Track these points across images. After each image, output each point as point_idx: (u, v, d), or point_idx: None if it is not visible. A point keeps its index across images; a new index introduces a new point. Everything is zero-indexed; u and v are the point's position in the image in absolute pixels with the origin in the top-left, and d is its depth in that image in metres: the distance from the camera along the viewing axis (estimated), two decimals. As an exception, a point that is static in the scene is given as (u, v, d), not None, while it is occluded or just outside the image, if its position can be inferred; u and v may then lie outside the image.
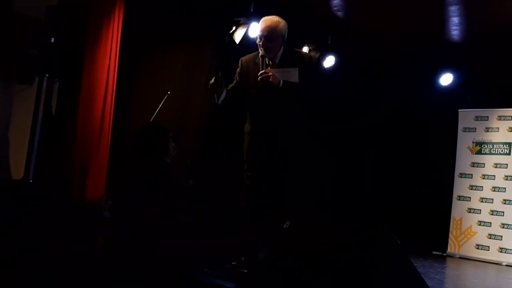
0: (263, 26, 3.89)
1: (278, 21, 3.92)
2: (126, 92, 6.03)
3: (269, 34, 3.84)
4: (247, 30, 6.28)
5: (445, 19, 6.03)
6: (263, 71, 3.79)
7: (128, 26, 5.67)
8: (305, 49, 6.84)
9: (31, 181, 4.93)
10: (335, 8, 6.18)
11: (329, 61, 7.20)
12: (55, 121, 5.28)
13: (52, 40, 4.96)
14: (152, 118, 5.76)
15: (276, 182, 3.94)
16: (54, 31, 5.05)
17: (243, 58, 4.10)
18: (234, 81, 4.10)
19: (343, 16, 6.37)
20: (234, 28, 6.38)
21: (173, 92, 5.99)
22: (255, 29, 6.24)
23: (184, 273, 3.29)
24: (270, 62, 3.90)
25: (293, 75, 3.80)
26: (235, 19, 6.39)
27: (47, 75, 5.06)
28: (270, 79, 3.75)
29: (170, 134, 4.83)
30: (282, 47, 3.95)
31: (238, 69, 4.10)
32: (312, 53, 6.95)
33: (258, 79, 3.78)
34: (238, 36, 6.35)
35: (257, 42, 3.92)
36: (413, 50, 7.05)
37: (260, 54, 3.87)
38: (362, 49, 7.34)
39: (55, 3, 5.39)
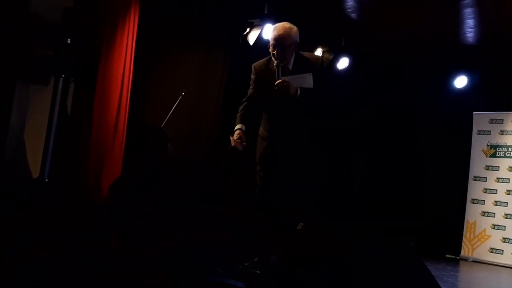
0: (275, 35, 3.85)
1: (290, 27, 3.89)
2: (141, 92, 6.07)
3: (282, 43, 3.81)
4: (261, 32, 6.31)
5: (460, 21, 6.00)
6: (279, 80, 3.76)
7: (143, 27, 5.71)
8: (319, 51, 6.84)
9: (46, 180, 4.97)
10: (349, 10, 6.18)
11: (342, 63, 7.19)
12: (70, 121, 5.32)
13: (68, 41, 5.00)
14: (166, 118, 5.81)
15: (289, 183, 3.97)
16: (70, 32, 5.10)
17: (255, 64, 4.08)
18: (251, 88, 4.10)
19: (356, 17, 6.37)
20: (248, 29, 6.41)
21: (186, 92, 6.02)
22: (268, 31, 6.27)
23: (195, 273, 3.31)
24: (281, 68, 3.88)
25: (307, 80, 3.81)
26: (249, 20, 6.41)
27: (63, 76, 5.10)
28: (288, 90, 3.74)
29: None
30: (294, 53, 3.93)
31: (252, 76, 4.09)
32: (326, 55, 6.95)
33: (275, 88, 3.76)
34: (252, 38, 6.38)
35: (269, 50, 3.90)
36: (427, 52, 7.03)
37: (275, 64, 3.84)
38: (376, 51, 7.33)
39: (71, 4, 5.45)
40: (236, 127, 4.00)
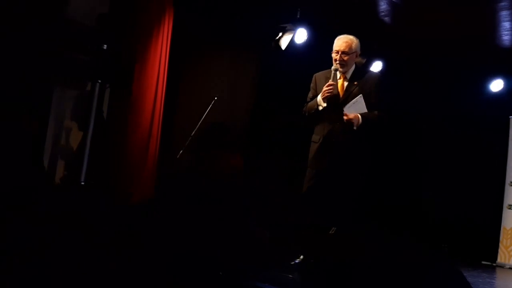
0: (340, 41, 4.18)
1: (353, 39, 4.23)
2: (173, 97, 6.14)
3: (346, 49, 4.14)
4: (293, 37, 6.29)
5: (496, 24, 5.90)
6: (331, 82, 4.09)
7: (176, 32, 5.78)
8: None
9: (82, 183, 5.07)
10: (382, 14, 6.13)
11: (376, 67, 7.14)
12: (106, 125, 5.42)
13: (104, 46, 5.11)
14: (199, 122, 5.85)
15: (341, 190, 4.11)
16: (106, 38, 5.20)
17: (316, 74, 4.39)
18: (311, 95, 4.36)
19: (390, 21, 6.32)
20: (280, 34, 6.40)
21: (219, 97, 6.06)
22: (301, 35, 6.27)
23: (226, 275, 3.32)
24: (340, 76, 4.20)
25: (360, 103, 4.05)
26: (282, 25, 6.42)
27: (99, 81, 5.20)
28: (352, 124, 4.04)
29: None
30: (354, 65, 4.26)
31: (312, 84, 4.38)
32: (359, 59, 6.91)
33: (324, 90, 4.09)
34: (284, 42, 6.37)
35: (333, 57, 4.19)
36: (462, 56, 6.92)
37: (333, 68, 4.14)
38: (409, 54, 7.25)
39: (107, 11, 5.56)
40: (315, 100, 4.25)
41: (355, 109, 4.04)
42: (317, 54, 4.81)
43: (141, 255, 3.30)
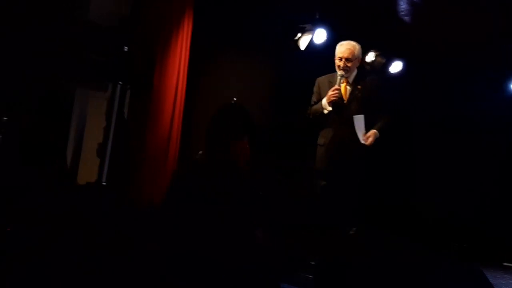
0: (343, 48, 4.42)
1: (356, 44, 4.44)
2: (192, 98, 6.17)
3: (349, 56, 4.35)
4: (312, 37, 6.27)
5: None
6: (336, 86, 4.30)
7: (195, 33, 5.81)
8: (371, 55, 6.77)
9: (104, 183, 5.12)
10: (402, 13, 6.09)
11: (395, 67, 7.09)
12: (127, 126, 5.47)
13: (125, 48, 5.16)
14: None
15: (348, 191, 4.22)
16: (127, 40, 5.25)
17: (319, 78, 4.60)
18: (315, 99, 4.56)
19: (410, 20, 6.28)
20: (299, 34, 6.39)
21: (238, 98, 6.07)
22: (320, 36, 6.25)
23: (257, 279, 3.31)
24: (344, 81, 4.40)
25: (360, 120, 4.25)
26: (301, 25, 6.41)
27: (120, 82, 5.25)
28: (371, 141, 4.26)
29: None
30: (356, 69, 4.46)
31: (315, 89, 4.59)
32: (378, 59, 6.87)
33: (329, 94, 4.29)
34: (303, 43, 6.35)
35: (336, 63, 4.39)
36: (485, 55, 6.84)
37: (339, 74, 4.33)
38: (430, 54, 7.19)
39: (127, 13, 5.61)
40: (319, 104, 4.46)
41: (357, 122, 4.24)
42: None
43: (157, 257, 3.29)
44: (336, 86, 4.27)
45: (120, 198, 4.97)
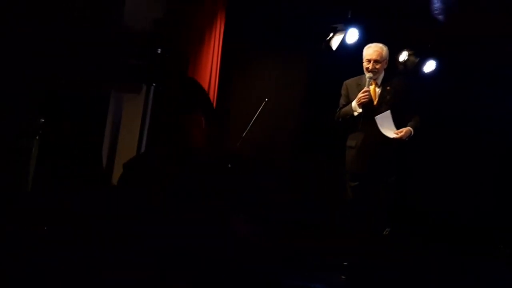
0: (371, 50, 4.43)
1: (383, 46, 4.47)
2: (226, 98, 6.21)
3: (377, 58, 4.39)
4: (344, 37, 6.23)
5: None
6: (366, 88, 4.33)
7: (228, 35, 5.86)
8: (405, 54, 6.70)
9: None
10: (436, 12, 6.02)
11: (429, 66, 7.00)
12: (161, 128, 5.53)
13: (159, 51, 5.23)
14: (250, 124, 5.89)
15: (380, 192, 4.32)
16: (161, 42, 5.33)
17: (346, 81, 4.63)
18: (344, 101, 4.59)
19: (444, 19, 6.19)
20: (331, 34, 6.36)
21: (269, 99, 6.08)
22: (352, 36, 6.20)
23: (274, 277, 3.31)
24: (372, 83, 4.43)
25: (387, 117, 4.28)
26: (332, 25, 6.38)
27: (154, 84, 5.33)
28: (403, 135, 4.29)
29: None
30: (384, 71, 4.48)
31: (343, 92, 4.62)
32: (412, 58, 6.81)
33: (359, 97, 4.32)
34: (335, 43, 6.32)
35: (364, 65, 4.43)
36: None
37: (367, 76, 4.36)
38: (464, 53, 7.08)
39: (161, 15, 5.69)
40: (349, 106, 4.48)
41: (383, 120, 4.27)
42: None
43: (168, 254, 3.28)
44: (366, 88, 4.31)
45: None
